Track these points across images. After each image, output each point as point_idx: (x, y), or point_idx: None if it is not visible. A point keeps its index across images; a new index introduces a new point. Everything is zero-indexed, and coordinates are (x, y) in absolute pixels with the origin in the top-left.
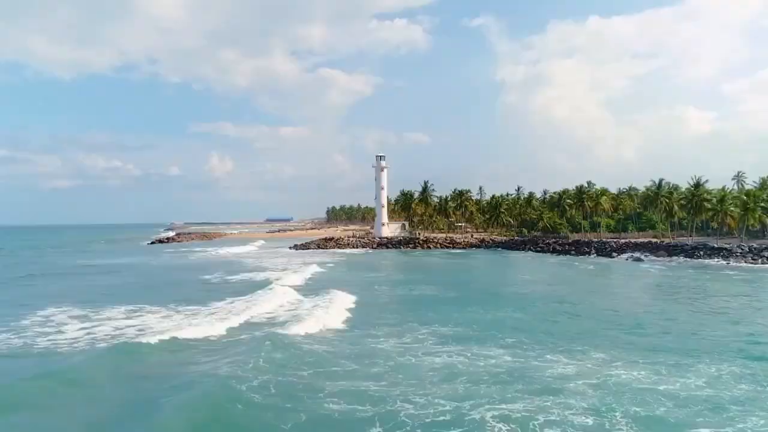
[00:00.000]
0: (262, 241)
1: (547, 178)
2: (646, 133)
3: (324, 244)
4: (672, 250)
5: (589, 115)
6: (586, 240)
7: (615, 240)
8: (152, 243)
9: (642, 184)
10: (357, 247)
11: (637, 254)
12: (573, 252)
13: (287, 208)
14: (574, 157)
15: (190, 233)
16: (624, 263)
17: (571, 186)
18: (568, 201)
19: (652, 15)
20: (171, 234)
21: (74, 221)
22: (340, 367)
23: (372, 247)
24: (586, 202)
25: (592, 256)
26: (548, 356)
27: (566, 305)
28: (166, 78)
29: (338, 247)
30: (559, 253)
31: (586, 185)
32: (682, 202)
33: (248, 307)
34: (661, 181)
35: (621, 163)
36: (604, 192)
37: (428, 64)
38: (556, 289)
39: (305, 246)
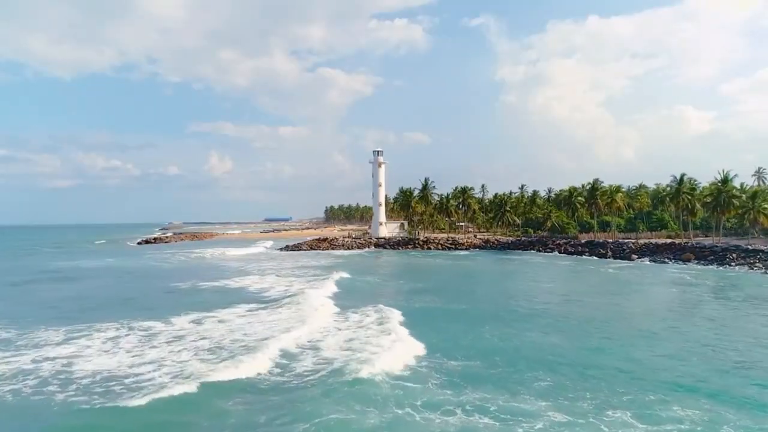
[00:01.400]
0: (256, 242)
1: (547, 177)
2: (646, 132)
3: (317, 245)
4: (699, 253)
5: (589, 115)
6: (601, 241)
7: (632, 241)
8: (139, 243)
9: (640, 183)
10: (352, 248)
11: (660, 257)
12: (587, 253)
13: (287, 208)
14: (574, 157)
15: (181, 233)
16: (649, 267)
17: (570, 185)
18: (580, 199)
19: (651, 15)
20: (158, 234)
21: (74, 221)
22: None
23: (368, 248)
24: (599, 200)
25: (608, 258)
26: (614, 414)
27: (608, 324)
28: (166, 78)
29: (332, 248)
30: (571, 254)
31: (593, 183)
32: (707, 199)
33: (205, 329)
34: (683, 176)
35: (621, 162)
36: (618, 189)
37: (428, 64)
38: (586, 300)
39: (297, 247)
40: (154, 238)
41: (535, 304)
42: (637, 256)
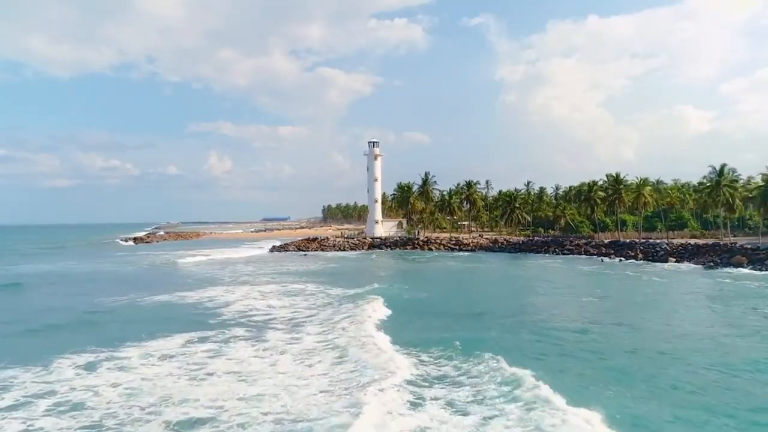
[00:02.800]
0: (244, 242)
1: (547, 177)
2: (646, 132)
3: (305, 245)
4: (753, 256)
5: (589, 115)
6: (628, 241)
7: (665, 240)
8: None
9: (657, 179)
10: (345, 249)
11: (703, 260)
12: (612, 255)
13: (286, 208)
14: (574, 157)
15: (167, 233)
16: (698, 273)
17: (570, 185)
18: (600, 193)
19: (651, 14)
20: (142, 234)
21: (73, 220)
22: None
23: (363, 249)
24: (623, 194)
25: (639, 260)
26: None
27: (731, 377)
28: (165, 77)
29: (322, 249)
30: (592, 255)
31: (615, 176)
32: (752, 193)
33: (92, 386)
34: (723, 167)
35: (621, 162)
36: (646, 182)
37: (428, 63)
38: (651, 324)
39: (283, 248)
40: (134, 238)
41: (588, 330)
42: (674, 259)
